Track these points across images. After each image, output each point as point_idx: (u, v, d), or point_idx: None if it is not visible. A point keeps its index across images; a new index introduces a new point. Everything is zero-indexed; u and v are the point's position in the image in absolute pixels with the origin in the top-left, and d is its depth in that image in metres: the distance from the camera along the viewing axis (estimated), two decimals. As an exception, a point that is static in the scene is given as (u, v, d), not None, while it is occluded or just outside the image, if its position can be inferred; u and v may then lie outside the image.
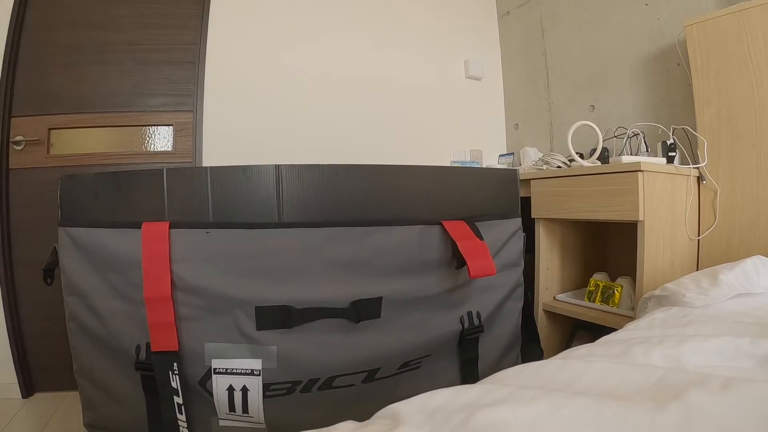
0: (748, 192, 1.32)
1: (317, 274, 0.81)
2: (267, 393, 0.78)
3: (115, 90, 1.79)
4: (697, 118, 1.43)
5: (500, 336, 1.03)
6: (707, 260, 1.40)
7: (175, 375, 0.75)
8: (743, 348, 0.59)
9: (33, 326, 1.69)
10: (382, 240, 0.85)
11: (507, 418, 0.42)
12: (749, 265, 0.94)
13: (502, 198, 1.05)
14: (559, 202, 1.45)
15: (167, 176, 0.79)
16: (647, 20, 1.82)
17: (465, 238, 0.88)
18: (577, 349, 0.67)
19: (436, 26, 2.42)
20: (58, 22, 1.74)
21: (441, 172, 0.98)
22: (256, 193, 0.81)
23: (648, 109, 1.83)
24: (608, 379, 0.52)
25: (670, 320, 0.79)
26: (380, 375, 0.86)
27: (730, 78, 1.34)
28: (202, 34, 1.87)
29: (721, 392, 0.44)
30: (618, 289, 1.44)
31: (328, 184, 0.84)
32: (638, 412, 0.42)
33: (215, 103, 1.87)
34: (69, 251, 0.80)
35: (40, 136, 1.71)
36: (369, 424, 0.45)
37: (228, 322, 0.78)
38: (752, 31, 1.28)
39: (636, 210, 1.22)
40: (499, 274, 0.97)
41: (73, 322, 0.81)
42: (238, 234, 0.79)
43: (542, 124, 2.35)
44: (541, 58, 2.34)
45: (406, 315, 0.88)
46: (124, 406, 0.81)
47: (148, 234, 0.76)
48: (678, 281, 0.95)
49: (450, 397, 0.48)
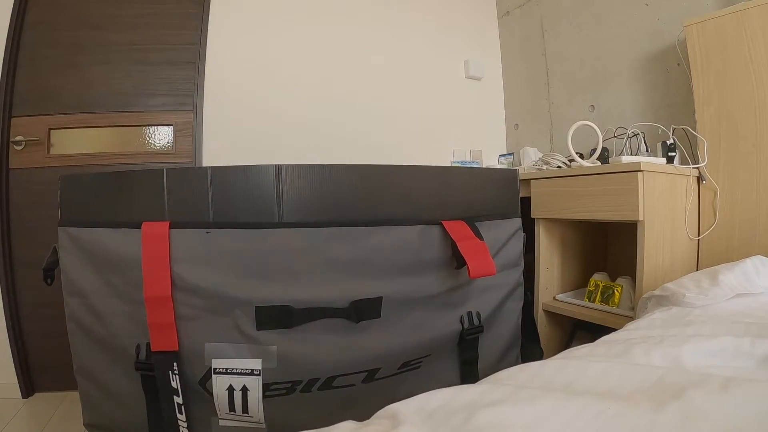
0: (748, 192, 1.32)
1: (317, 273, 0.81)
2: (267, 393, 0.78)
3: (116, 90, 1.79)
4: (697, 118, 1.43)
5: (500, 336, 1.03)
6: (707, 260, 1.40)
7: (175, 375, 0.75)
8: (743, 348, 0.59)
9: (33, 326, 1.69)
10: (382, 240, 0.85)
11: (507, 418, 0.42)
12: (749, 265, 0.94)
13: (502, 198, 1.05)
14: (559, 202, 1.45)
15: (167, 176, 0.79)
16: (647, 20, 1.82)
17: (465, 238, 0.88)
18: (577, 349, 0.67)
19: (436, 26, 2.42)
20: (58, 22, 1.74)
21: (441, 172, 0.98)
22: (256, 193, 0.81)
23: (648, 109, 1.83)
24: (608, 379, 0.51)
25: (670, 320, 0.79)
26: (380, 375, 0.86)
27: (730, 78, 1.34)
28: (202, 34, 1.87)
29: (721, 392, 0.44)
30: (618, 289, 1.44)
31: (328, 184, 0.84)
32: (638, 412, 0.42)
33: (215, 103, 1.87)
34: (69, 251, 0.80)
35: (40, 136, 1.71)
36: (369, 424, 0.45)
37: (228, 322, 0.78)
38: (752, 31, 1.28)
39: (636, 210, 1.22)
40: (499, 274, 0.97)
41: (73, 322, 0.81)
42: (238, 234, 0.79)
43: (542, 124, 2.35)
44: (541, 58, 2.34)
45: (406, 315, 0.88)
46: (124, 406, 0.81)
47: (148, 234, 0.76)
48: (678, 281, 0.95)
49: (450, 397, 0.48)
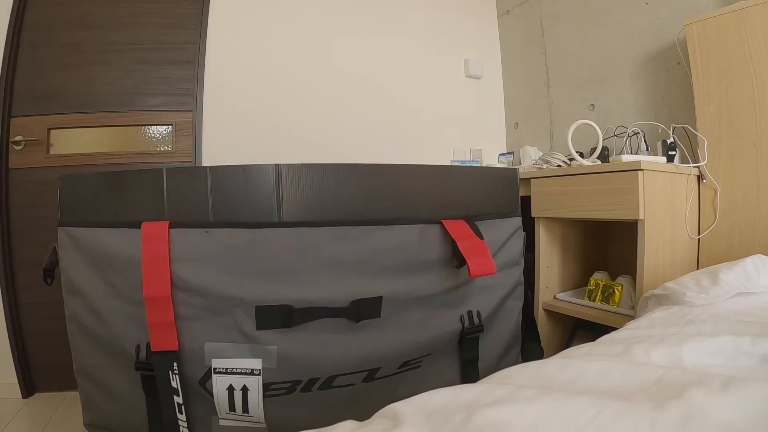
0: (748, 191, 1.32)
1: (317, 273, 0.81)
2: (267, 392, 0.78)
3: (115, 90, 1.79)
4: (697, 116, 1.43)
5: (500, 335, 1.03)
6: (707, 259, 1.39)
7: (175, 375, 0.75)
8: (743, 347, 0.59)
9: (33, 326, 1.69)
10: (382, 239, 0.85)
11: (507, 417, 0.42)
12: (749, 264, 0.94)
13: (502, 197, 1.05)
14: (559, 201, 1.45)
15: (167, 176, 0.79)
16: (647, 19, 1.82)
17: (465, 237, 0.88)
18: (577, 348, 0.67)
19: (436, 25, 2.41)
20: (57, 22, 1.74)
21: (441, 171, 0.98)
22: (255, 193, 0.81)
23: (648, 107, 1.83)
24: (608, 379, 0.51)
25: (670, 319, 0.79)
26: (380, 374, 0.86)
27: (730, 77, 1.34)
28: (202, 33, 1.87)
29: (722, 391, 0.44)
30: (618, 288, 1.44)
31: (328, 183, 0.84)
32: (638, 412, 0.42)
33: (215, 103, 1.87)
34: (69, 251, 0.80)
35: (40, 136, 1.71)
36: (369, 423, 0.45)
37: (228, 322, 0.78)
38: (752, 30, 1.28)
39: (636, 209, 1.22)
40: (499, 273, 0.97)
41: (73, 322, 0.81)
42: (237, 233, 0.79)
43: (542, 123, 2.35)
44: (541, 56, 2.33)
45: (406, 314, 0.88)
46: (124, 406, 0.81)
47: (147, 234, 0.76)
48: (678, 280, 0.95)
49: (450, 397, 0.48)
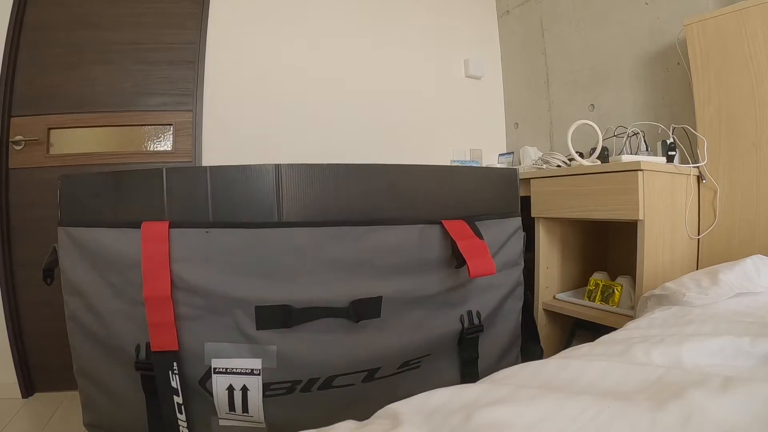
0: (748, 191, 1.32)
1: (317, 273, 0.81)
2: (267, 392, 0.78)
3: (115, 89, 1.79)
4: (697, 117, 1.43)
5: (500, 335, 1.03)
6: (707, 259, 1.39)
7: (175, 375, 0.75)
8: (743, 347, 0.59)
9: (33, 326, 1.69)
10: (382, 239, 0.85)
11: (507, 417, 0.42)
12: (749, 265, 0.94)
13: (501, 197, 1.05)
14: (559, 201, 1.45)
15: (167, 176, 0.79)
16: (647, 19, 1.82)
17: (465, 237, 0.88)
18: (577, 348, 0.67)
19: (436, 25, 2.41)
20: (57, 22, 1.74)
21: (441, 171, 0.98)
22: (255, 193, 0.81)
23: (648, 108, 1.83)
24: (608, 379, 0.51)
25: (670, 319, 0.79)
26: (380, 374, 0.86)
27: (730, 77, 1.34)
28: (202, 33, 1.87)
29: (721, 392, 0.44)
30: (618, 288, 1.44)
31: (328, 183, 0.84)
32: (638, 412, 0.42)
33: (215, 103, 1.87)
34: (69, 251, 0.80)
35: (40, 136, 1.71)
36: (368, 423, 0.45)
37: (228, 322, 0.78)
38: (752, 30, 1.28)
39: (636, 209, 1.22)
40: (499, 273, 0.97)
41: (73, 322, 0.81)
42: (237, 233, 0.79)
43: (542, 124, 2.35)
44: (540, 57, 2.33)
45: (406, 314, 0.88)
46: (124, 406, 0.81)
47: (147, 234, 0.76)
48: (678, 280, 0.95)
49: (449, 397, 0.48)
